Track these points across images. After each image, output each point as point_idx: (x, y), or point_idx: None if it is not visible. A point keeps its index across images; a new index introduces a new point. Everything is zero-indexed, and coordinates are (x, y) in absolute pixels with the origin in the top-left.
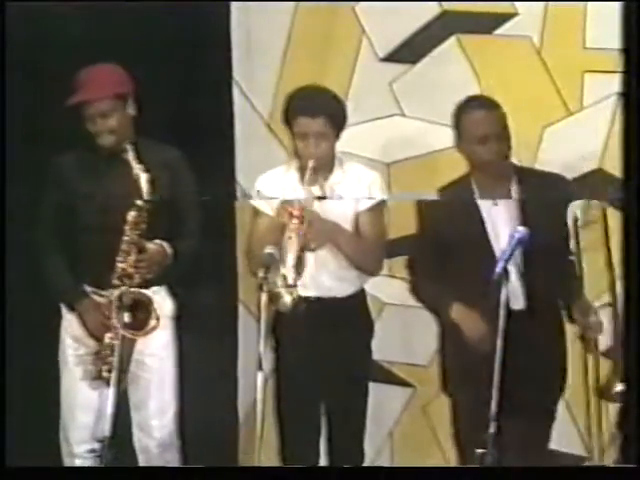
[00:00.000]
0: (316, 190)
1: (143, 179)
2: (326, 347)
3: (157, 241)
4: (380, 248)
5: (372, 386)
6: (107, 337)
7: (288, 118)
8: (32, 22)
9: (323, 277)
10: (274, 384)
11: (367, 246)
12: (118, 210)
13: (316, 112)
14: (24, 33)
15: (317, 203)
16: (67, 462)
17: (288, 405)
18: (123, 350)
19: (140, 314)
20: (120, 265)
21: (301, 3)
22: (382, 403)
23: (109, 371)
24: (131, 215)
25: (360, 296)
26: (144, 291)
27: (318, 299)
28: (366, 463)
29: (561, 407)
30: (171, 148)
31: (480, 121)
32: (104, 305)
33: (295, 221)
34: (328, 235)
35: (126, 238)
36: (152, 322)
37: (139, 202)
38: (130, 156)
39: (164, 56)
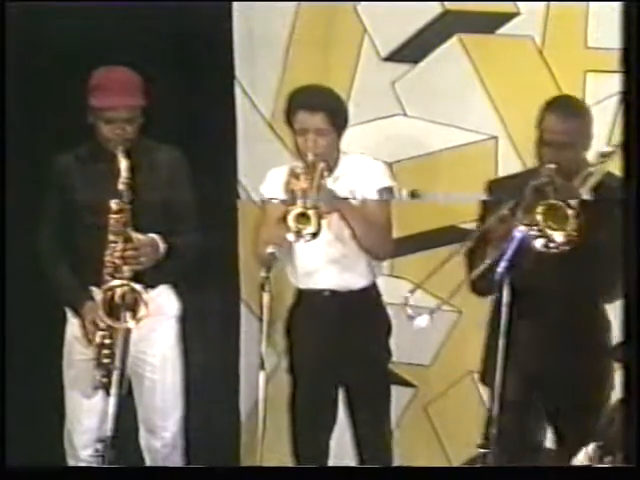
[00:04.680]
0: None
1: (123, 165)
2: (342, 341)
3: (150, 235)
4: (388, 232)
5: None
6: (98, 336)
7: (289, 116)
8: (32, 22)
9: (332, 270)
10: (289, 381)
11: (374, 227)
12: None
13: (315, 108)
14: (24, 33)
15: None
16: (71, 465)
17: (304, 402)
18: (120, 346)
19: (130, 305)
20: (109, 259)
21: (303, 3)
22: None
23: (107, 376)
24: (114, 203)
25: (374, 290)
26: (131, 282)
27: (332, 292)
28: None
29: None
30: (171, 148)
31: (551, 126)
32: (97, 304)
33: (304, 180)
34: (335, 202)
35: (111, 228)
36: (142, 311)
37: (120, 187)
38: (119, 149)
39: (166, 56)
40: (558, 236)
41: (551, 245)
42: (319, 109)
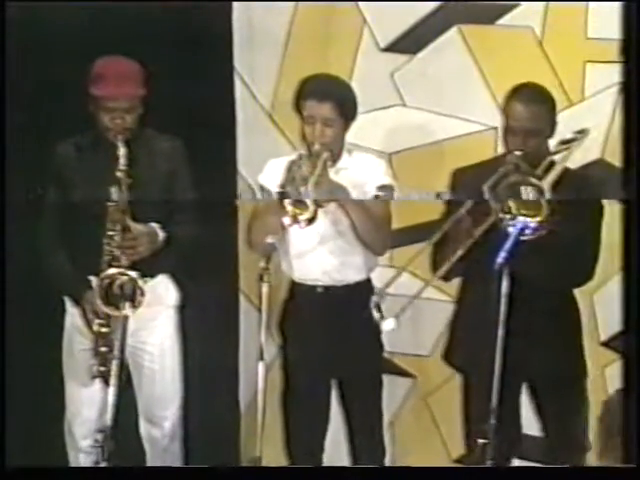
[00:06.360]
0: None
1: (121, 153)
2: (336, 336)
3: (149, 224)
4: (386, 228)
5: None
6: (96, 325)
7: (298, 103)
8: (34, 17)
9: (329, 262)
10: (281, 377)
11: (374, 221)
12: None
13: (324, 97)
14: (25, 29)
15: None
16: (72, 456)
17: (297, 398)
18: (118, 335)
19: (127, 293)
20: (107, 248)
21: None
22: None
23: (104, 365)
24: (112, 190)
25: (368, 284)
26: (126, 270)
27: (325, 288)
28: None
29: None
30: (171, 138)
31: (517, 113)
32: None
33: (306, 168)
34: (336, 192)
35: (110, 217)
36: (139, 298)
37: (118, 175)
38: (119, 139)
39: (166, 47)
40: (532, 222)
41: (527, 232)
42: (328, 98)
